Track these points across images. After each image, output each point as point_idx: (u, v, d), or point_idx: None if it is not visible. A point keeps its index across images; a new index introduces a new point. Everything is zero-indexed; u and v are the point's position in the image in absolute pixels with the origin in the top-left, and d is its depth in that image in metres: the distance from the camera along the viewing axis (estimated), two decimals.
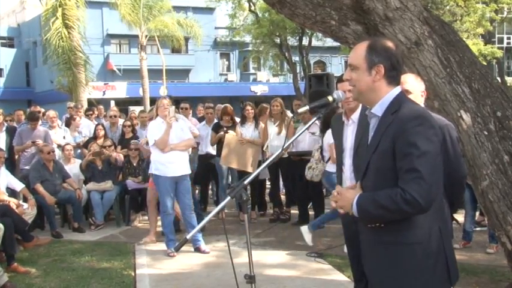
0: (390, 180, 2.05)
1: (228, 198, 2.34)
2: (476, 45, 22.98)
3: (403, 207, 1.99)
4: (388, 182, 2.06)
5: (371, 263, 2.24)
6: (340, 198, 2.21)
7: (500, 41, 41.26)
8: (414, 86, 3.06)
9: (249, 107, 7.57)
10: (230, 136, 7.30)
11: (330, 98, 2.35)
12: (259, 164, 7.36)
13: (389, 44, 2.19)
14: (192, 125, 7.40)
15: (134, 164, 7.74)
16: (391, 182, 2.05)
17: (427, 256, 2.09)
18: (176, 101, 7.02)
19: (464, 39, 4.35)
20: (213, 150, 7.85)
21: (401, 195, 1.98)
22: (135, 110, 12.21)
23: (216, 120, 7.97)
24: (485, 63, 21.35)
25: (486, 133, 3.75)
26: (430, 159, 2.00)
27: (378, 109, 2.17)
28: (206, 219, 2.46)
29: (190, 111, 8.66)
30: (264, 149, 7.52)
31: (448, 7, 21.13)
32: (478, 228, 6.28)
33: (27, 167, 7.44)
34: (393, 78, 2.18)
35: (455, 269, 2.19)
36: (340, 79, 3.75)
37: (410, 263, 2.09)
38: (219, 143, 7.43)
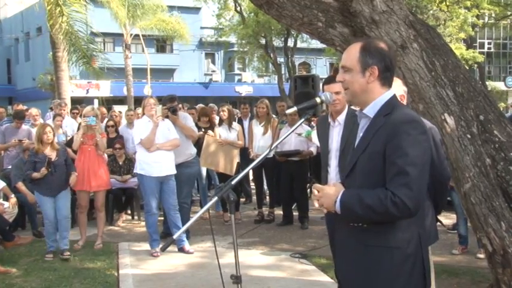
0: (378, 182, 2.05)
1: (216, 198, 2.35)
2: (458, 49, 23.31)
3: (390, 210, 1.98)
4: (376, 184, 2.05)
5: (347, 264, 2.22)
6: (322, 196, 2.15)
7: (482, 45, 41.95)
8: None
9: (224, 109, 7.59)
10: (209, 138, 7.28)
11: (318, 100, 2.36)
12: (238, 165, 7.36)
13: (383, 45, 2.18)
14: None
15: (120, 163, 7.70)
16: (378, 184, 2.04)
17: (405, 260, 2.09)
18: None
19: (447, 43, 4.41)
20: None
21: (391, 198, 1.97)
22: (115, 109, 12.09)
23: None
24: (467, 68, 21.64)
25: (469, 136, 3.80)
26: (419, 165, 2.00)
27: (370, 110, 2.16)
28: (193, 219, 2.46)
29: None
30: (250, 150, 7.54)
31: (431, 11, 21.38)
32: (456, 231, 6.35)
33: (10, 167, 7.32)
34: (387, 79, 2.17)
35: (430, 273, 2.21)
36: (326, 81, 3.77)
37: (388, 266, 2.09)
38: (198, 144, 7.36)
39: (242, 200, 8.76)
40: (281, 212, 7.57)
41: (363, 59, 2.13)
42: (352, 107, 3.27)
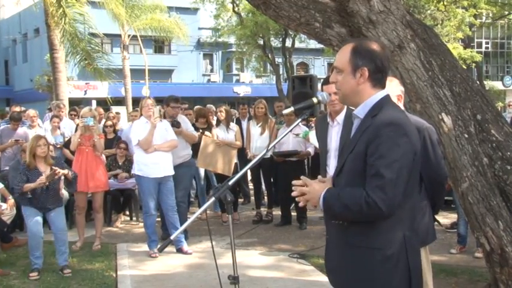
0: (361, 182, 2.06)
1: (213, 199, 2.35)
2: (456, 49, 23.34)
3: (364, 210, 2.01)
4: (359, 184, 2.06)
5: (333, 262, 2.26)
6: (309, 190, 2.18)
7: (479, 45, 42.01)
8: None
9: (222, 109, 7.61)
10: (207, 138, 7.27)
11: (315, 100, 2.37)
12: (235, 166, 7.38)
13: (374, 46, 2.18)
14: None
15: (120, 163, 7.69)
16: (361, 184, 2.06)
17: (385, 261, 2.09)
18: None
19: (444, 43, 4.42)
20: None
21: (365, 198, 2.00)
22: (113, 110, 12.09)
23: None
24: (464, 67, 21.67)
25: (466, 136, 3.81)
26: (396, 168, 2.00)
27: (361, 111, 2.18)
28: (190, 220, 2.46)
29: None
30: (248, 150, 7.54)
31: (429, 11, 21.42)
32: (454, 230, 6.36)
33: (7, 168, 7.30)
34: (378, 80, 2.17)
35: (419, 277, 2.18)
36: (325, 81, 3.77)
37: (367, 266, 2.10)
38: (195, 145, 7.37)
39: (240, 200, 8.77)
40: (279, 213, 7.56)
41: (353, 61, 2.14)
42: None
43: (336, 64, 2.20)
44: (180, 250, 5.94)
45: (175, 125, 6.30)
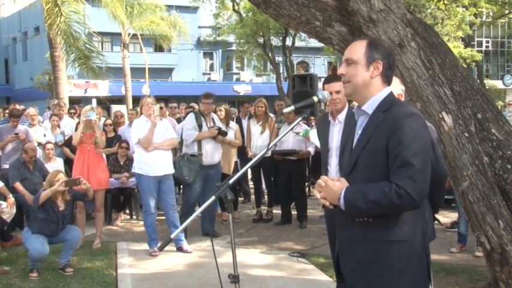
0: (381, 176, 2.07)
1: (213, 197, 2.34)
2: (456, 48, 23.34)
3: (396, 202, 2.00)
4: (379, 179, 2.07)
5: (352, 261, 2.21)
6: (326, 189, 2.15)
7: (480, 44, 41.98)
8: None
9: (221, 108, 7.61)
10: None
11: (315, 99, 2.37)
12: (235, 164, 7.37)
13: (386, 44, 2.28)
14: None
15: (121, 163, 7.69)
16: (382, 178, 2.06)
17: (412, 254, 2.10)
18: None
19: (445, 42, 4.42)
20: None
21: (396, 191, 1.99)
22: (115, 109, 12.08)
23: None
24: (465, 66, 21.64)
25: (467, 135, 3.81)
26: (422, 157, 2.04)
27: (369, 107, 2.19)
28: (190, 218, 2.46)
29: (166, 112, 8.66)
30: (248, 149, 7.54)
31: (429, 10, 21.41)
32: (454, 229, 6.36)
33: (6, 166, 7.29)
34: (387, 77, 2.22)
35: (430, 270, 2.21)
36: (327, 80, 3.77)
37: (395, 260, 2.08)
38: None
39: (240, 199, 8.76)
40: (279, 211, 7.56)
41: (369, 53, 2.18)
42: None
43: (348, 56, 2.21)
44: (180, 249, 5.94)
45: (222, 133, 6.54)
